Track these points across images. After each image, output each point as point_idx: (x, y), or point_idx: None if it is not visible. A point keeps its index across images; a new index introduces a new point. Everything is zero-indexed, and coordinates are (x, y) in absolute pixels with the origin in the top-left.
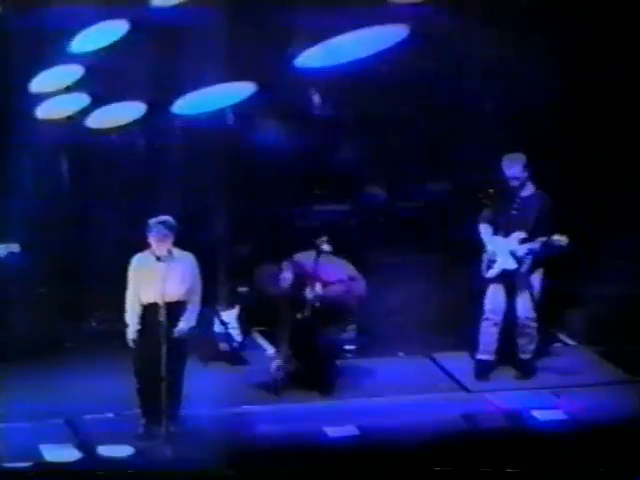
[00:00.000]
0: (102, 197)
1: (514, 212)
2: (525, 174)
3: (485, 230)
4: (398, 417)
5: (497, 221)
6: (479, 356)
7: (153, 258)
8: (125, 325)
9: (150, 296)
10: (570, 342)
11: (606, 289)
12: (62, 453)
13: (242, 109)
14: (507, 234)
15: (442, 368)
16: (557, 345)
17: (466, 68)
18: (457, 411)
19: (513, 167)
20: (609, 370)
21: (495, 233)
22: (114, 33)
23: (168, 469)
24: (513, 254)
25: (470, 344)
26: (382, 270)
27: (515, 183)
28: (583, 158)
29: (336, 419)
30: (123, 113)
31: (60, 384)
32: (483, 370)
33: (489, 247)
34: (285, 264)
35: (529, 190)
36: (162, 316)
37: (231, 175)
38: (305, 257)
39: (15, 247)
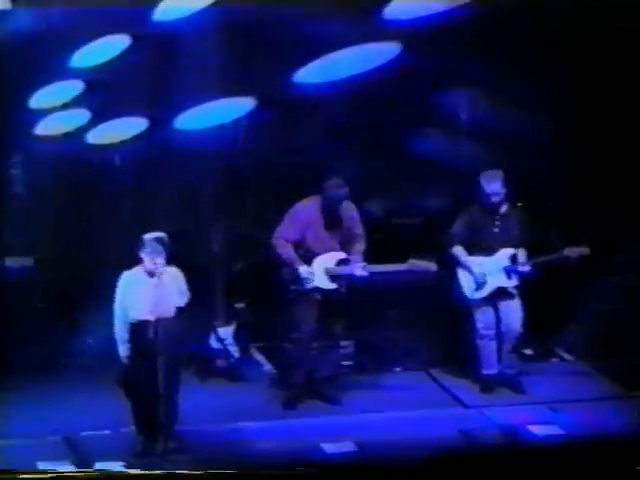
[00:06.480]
0: (101, 213)
1: (495, 230)
2: (504, 190)
3: (460, 252)
4: (395, 433)
5: (474, 241)
6: (484, 371)
7: (144, 274)
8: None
9: (142, 313)
10: (567, 357)
11: (603, 304)
12: (60, 470)
13: (242, 125)
14: (489, 253)
15: (439, 383)
16: (554, 360)
17: (462, 83)
18: (454, 426)
19: (493, 183)
20: (606, 385)
21: (471, 253)
22: (114, 49)
23: None
24: (507, 271)
25: (468, 359)
26: (379, 285)
27: (496, 199)
28: (583, 178)
29: (333, 435)
30: (124, 129)
31: (57, 401)
32: (489, 385)
33: (475, 269)
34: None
35: (505, 207)
36: (154, 332)
37: (231, 191)
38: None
39: (14, 262)
